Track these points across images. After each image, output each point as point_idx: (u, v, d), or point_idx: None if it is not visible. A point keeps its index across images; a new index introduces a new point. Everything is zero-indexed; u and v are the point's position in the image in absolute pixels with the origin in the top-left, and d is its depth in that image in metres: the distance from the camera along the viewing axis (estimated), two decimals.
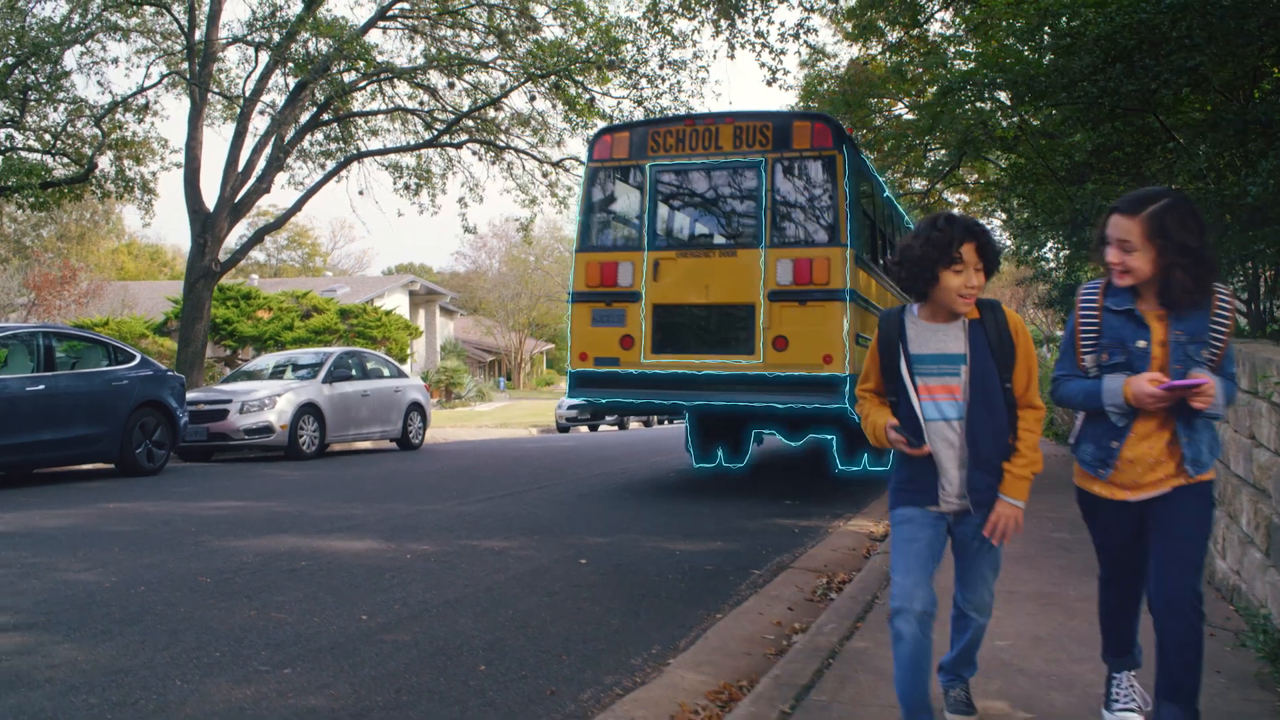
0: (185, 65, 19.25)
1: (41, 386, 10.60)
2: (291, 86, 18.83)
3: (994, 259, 3.04)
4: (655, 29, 15.73)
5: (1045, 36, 7.51)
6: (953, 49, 18.25)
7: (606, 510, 8.99)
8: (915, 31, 17.78)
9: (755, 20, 16.21)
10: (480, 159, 19.32)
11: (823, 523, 8.42)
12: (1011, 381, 3.08)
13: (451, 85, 18.13)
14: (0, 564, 6.14)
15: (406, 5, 17.74)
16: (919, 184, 21.69)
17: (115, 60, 19.42)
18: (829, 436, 11.25)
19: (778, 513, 9.02)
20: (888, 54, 17.68)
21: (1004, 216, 41.15)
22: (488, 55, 18.32)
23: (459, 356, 47.74)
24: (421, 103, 19.55)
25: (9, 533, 7.40)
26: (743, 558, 6.75)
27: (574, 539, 7.32)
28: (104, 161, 18.05)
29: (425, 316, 46.85)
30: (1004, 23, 9.82)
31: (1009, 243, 51.67)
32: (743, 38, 16.10)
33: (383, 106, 19.96)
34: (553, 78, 16.74)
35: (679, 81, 17.04)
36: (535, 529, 7.77)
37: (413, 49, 19.29)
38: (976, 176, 22.53)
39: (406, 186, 19.90)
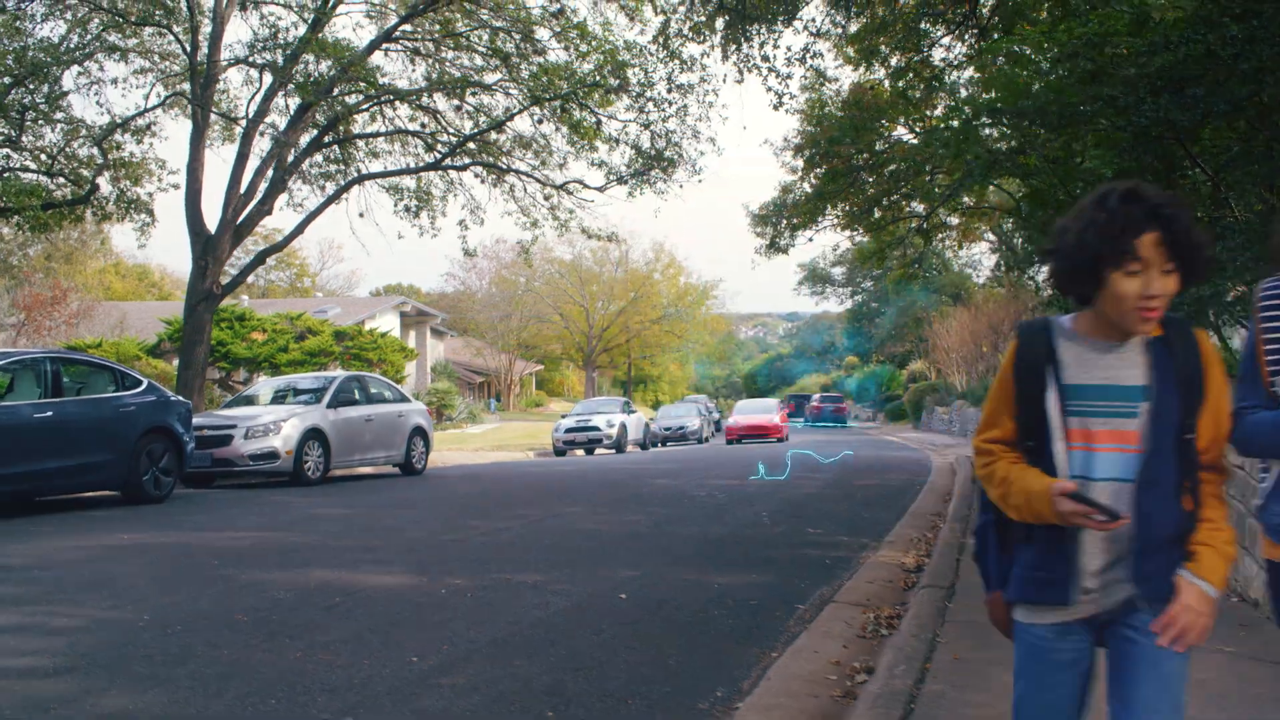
0: (186, 86, 19.12)
1: (49, 413, 10.39)
2: (292, 108, 18.72)
3: (1193, 256, 2.13)
4: (664, 53, 15.68)
5: (1085, 64, 7.45)
6: (956, 74, 18.42)
7: (629, 539, 8.85)
8: (917, 57, 17.83)
9: (761, 45, 16.20)
10: (482, 181, 19.25)
11: (851, 553, 8.29)
12: (1195, 431, 2.19)
13: (459, 108, 18.03)
14: (25, 601, 5.96)
15: (409, 28, 17.65)
16: (919, 206, 21.69)
17: (115, 81, 19.22)
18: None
19: (804, 541, 8.91)
20: (891, 79, 17.69)
21: (993, 239, 41.28)
22: (491, 77, 18.27)
23: (450, 378, 47.52)
24: (423, 125, 19.44)
25: (25, 565, 7.22)
26: (782, 590, 6.62)
27: (605, 571, 7.17)
28: (103, 183, 17.87)
29: (416, 337, 46.64)
30: (1015, 49, 9.75)
31: (996, 265, 51.18)
32: (749, 62, 16.09)
33: (383, 128, 19.88)
34: (558, 101, 16.67)
35: (686, 105, 16.97)
36: (563, 560, 7.62)
37: (413, 71, 19.21)
38: (971, 200, 22.59)
39: (407, 209, 19.76)
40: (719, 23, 14.78)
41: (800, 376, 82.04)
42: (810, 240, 26.42)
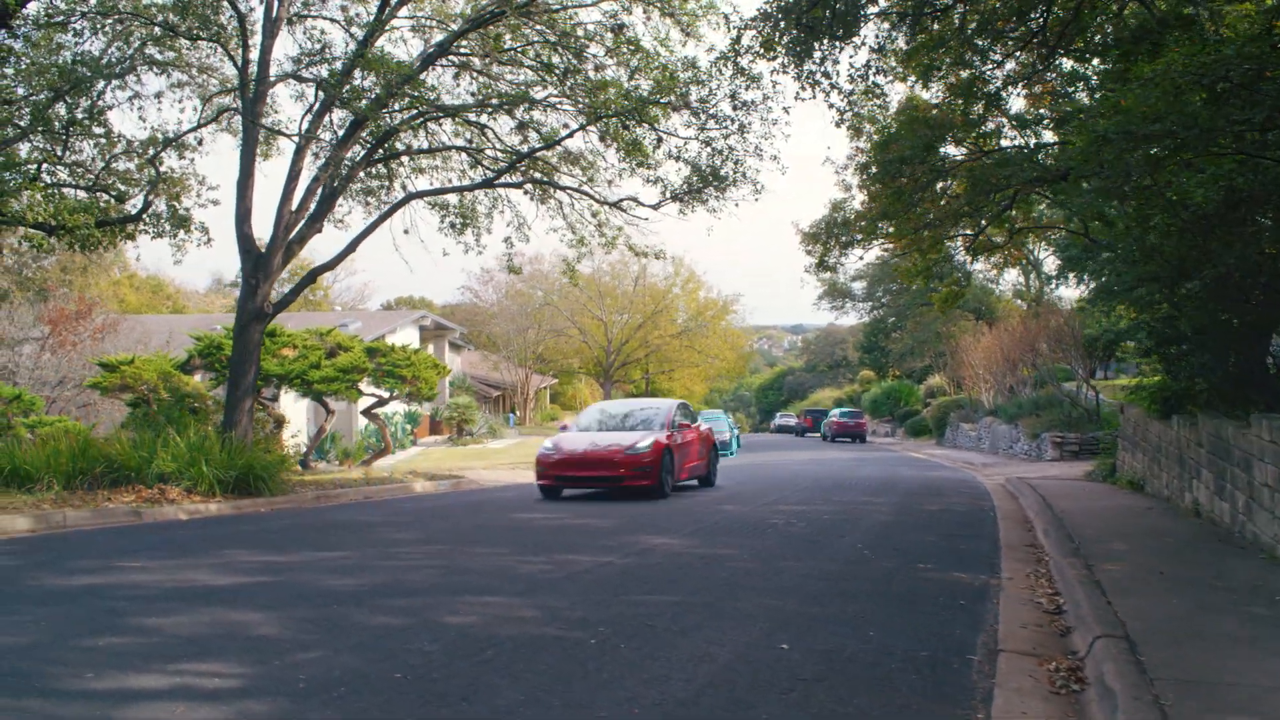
0: (228, 100, 18.85)
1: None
2: (338, 123, 18.43)
3: None
4: (732, 69, 15.35)
5: (1223, 86, 7.17)
6: (1008, 91, 18.14)
7: (743, 575, 8.48)
8: (971, 74, 17.54)
9: (821, 60, 15.91)
10: (532, 198, 18.93)
11: (977, 591, 7.99)
12: None
13: (522, 125, 17.70)
14: (159, 655, 5.62)
15: (464, 43, 17.33)
16: (965, 229, 21.34)
17: (158, 95, 18.92)
18: None
19: (921, 579, 8.56)
20: (952, 95, 17.41)
21: (1014, 253, 40.85)
22: (541, 92, 17.95)
23: (468, 392, 47.20)
24: (469, 140, 19.14)
25: (134, 610, 6.88)
26: (941, 637, 6.29)
27: (744, 613, 6.83)
28: (146, 198, 17.54)
29: (434, 351, 46.30)
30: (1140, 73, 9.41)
31: (1022, 279, 50.72)
32: (812, 78, 15.80)
33: (425, 143, 19.56)
34: (617, 119, 16.35)
35: (749, 122, 16.62)
36: (693, 601, 7.25)
37: (457, 85, 18.87)
38: (1019, 220, 22.30)
39: (452, 225, 19.44)
40: (786, 38, 14.49)
41: (813, 390, 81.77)
42: (861, 259, 25.65)
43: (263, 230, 18.26)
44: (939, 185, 19.05)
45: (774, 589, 7.86)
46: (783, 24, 13.99)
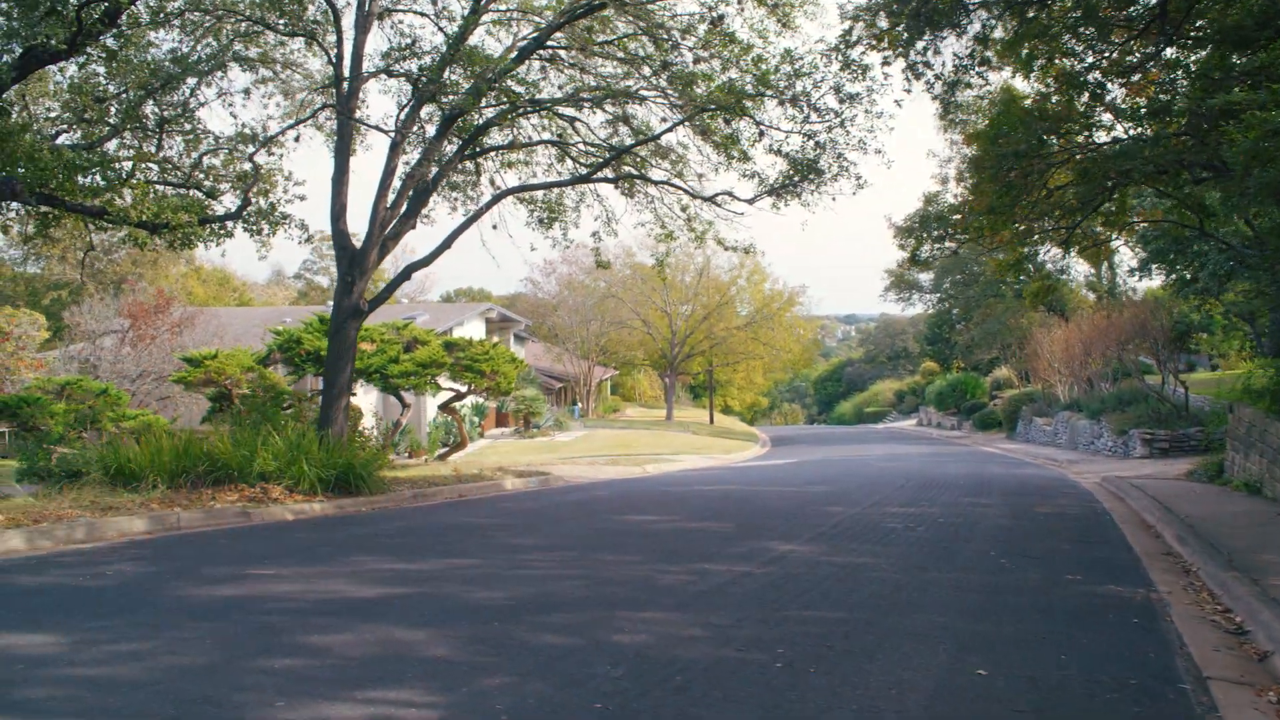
0: (322, 98, 18.78)
1: None
2: (425, 118, 18.30)
3: None
4: (840, 61, 15.01)
5: None
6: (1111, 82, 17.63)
7: (893, 589, 8.16)
8: (1068, 63, 17.05)
9: (924, 49, 15.54)
10: (621, 191, 18.68)
11: (1142, 606, 7.66)
12: None
13: (617, 119, 17.47)
14: (342, 681, 5.47)
15: (555, 36, 17.09)
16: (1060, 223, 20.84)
17: (245, 91, 19.08)
18: None
19: (1076, 592, 8.23)
20: (1051, 87, 16.93)
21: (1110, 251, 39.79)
22: (631, 85, 17.68)
23: (533, 384, 47.19)
24: (558, 134, 18.95)
25: (287, 627, 6.76)
26: (1140, 664, 5.97)
27: (915, 630, 6.56)
28: (245, 196, 17.53)
29: (500, 343, 46.32)
30: None
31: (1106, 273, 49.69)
32: (914, 69, 15.43)
33: (513, 137, 19.37)
34: (719, 112, 16.06)
35: (854, 115, 16.23)
36: (855, 617, 6.98)
37: (544, 78, 18.65)
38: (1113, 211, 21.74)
39: (540, 220, 19.29)
40: (900, 26, 14.14)
41: (873, 382, 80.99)
42: (956, 252, 24.98)
43: (351, 226, 18.20)
44: (1037, 178, 18.61)
45: (933, 604, 7.57)
46: (887, 13, 13.65)
